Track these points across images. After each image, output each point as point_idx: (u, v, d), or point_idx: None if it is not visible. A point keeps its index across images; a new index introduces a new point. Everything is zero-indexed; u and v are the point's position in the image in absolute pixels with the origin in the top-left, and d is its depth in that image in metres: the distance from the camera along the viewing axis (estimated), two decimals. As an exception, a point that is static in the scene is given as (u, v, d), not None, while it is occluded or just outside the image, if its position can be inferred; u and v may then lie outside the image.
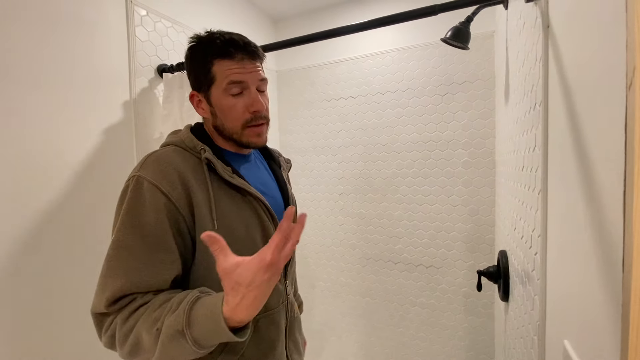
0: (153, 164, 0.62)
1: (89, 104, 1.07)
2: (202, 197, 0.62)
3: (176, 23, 1.37)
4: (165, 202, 0.59)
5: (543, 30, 0.67)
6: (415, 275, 1.74)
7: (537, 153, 0.72)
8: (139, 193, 0.59)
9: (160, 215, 0.58)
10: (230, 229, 0.64)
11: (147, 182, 0.59)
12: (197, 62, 0.67)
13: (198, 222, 0.61)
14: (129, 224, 0.58)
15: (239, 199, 0.67)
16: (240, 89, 0.66)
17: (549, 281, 0.65)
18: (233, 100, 0.66)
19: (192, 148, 0.66)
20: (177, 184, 0.60)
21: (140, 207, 0.58)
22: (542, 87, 0.67)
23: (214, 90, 0.67)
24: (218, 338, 0.50)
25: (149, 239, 0.57)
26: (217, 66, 0.65)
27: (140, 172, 0.61)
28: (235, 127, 0.68)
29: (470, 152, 1.60)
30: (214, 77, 0.66)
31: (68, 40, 1.01)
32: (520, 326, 0.89)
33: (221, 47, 0.64)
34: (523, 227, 0.87)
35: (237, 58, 0.65)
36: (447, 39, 1.22)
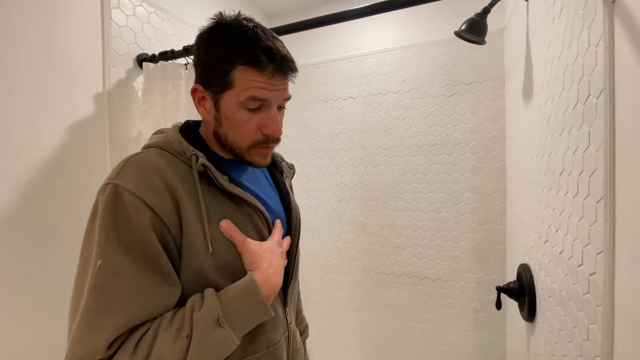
0: (134, 169, 0.49)
1: (54, 94, 0.91)
2: (192, 212, 0.51)
3: (160, 9, 1.22)
4: (152, 218, 0.47)
5: (605, 7, 0.56)
6: (419, 289, 1.62)
7: (593, 153, 0.60)
8: (119, 207, 0.47)
9: (149, 234, 0.47)
10: (226, 248, 0.54)
11: (129, 194, 0.47)
12: (214, 55, 0.53)
13: (187, 241, 0.50)
14: (116, 245, 0.46)
15: (237, 212, 0.57)
16: (260, 105, 0.54)
17: (620, 310, 0.53)
18: (248, 115, 0.54)
19: (181, 153, 0.55)
20: (164, 195, 0.49)
21: (123, 223, 0.46)
22: (604, 74, 0.56)
23: (227, 96, 0.54)
24: (252, 315, 0.52)
25: (142, 262, 0.47)
26: (239, 72, 0.52)
27: (118, 179, 0.48)
28: (241, 144, 0.57)
29: (479, 156, 1.49)
30: (232, 82, 0.52)
31: (30, 19, 0.85)
32: (560, 355, 0.77)
33: (253, 51, 0.51)
34: (563, 240, 0.76)
35: (268, 71, 0.52)
36: (461, 32, 1.12)
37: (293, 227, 0.67)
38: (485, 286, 1.50)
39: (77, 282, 0.47)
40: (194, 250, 0.50)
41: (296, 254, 0.69)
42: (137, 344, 0.45)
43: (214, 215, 0.53)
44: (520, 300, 1.06)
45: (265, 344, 0.58)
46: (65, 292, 0.88)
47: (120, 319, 0.44)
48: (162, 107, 1.03)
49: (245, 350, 0.55)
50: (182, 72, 1.05)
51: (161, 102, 1.04)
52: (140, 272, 0.46)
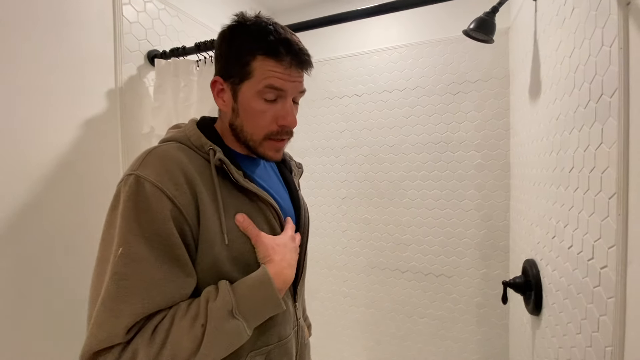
0: (155, 161, 0.51)
1: (68, 91, 0.91)
2: (209, 204, 0.53)
3: (169, 5, 1.22)
4: (172, 209, 0.49)
5: (620, 9, 0.58)
6: (424, 285, 1.64)
7: (606, 151, 0.62)
8: (141, 197, 0.48)
9: (168, 225, 0.48)
10: (240, 241, 0.55)
11: (150, 184, 0.48)
12: (235, 48, 0.55)
13: (204, 233, 0.52)
14: (138, 234, 0.47)
15: (250, 207, 0.58)
16: (276, 97, 0.56)
17: (632, 302, 0.55)
18: (264, 105, 0.56)
19: (199, 147, 0.56)
20: (183, 187, 0.50)
21: (144, 214, 0.48)
22: (618, 74, 0.58)
23: (245, 86, 0.56)
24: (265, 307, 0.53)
25: (162, 251, 0.48)
26: (259, 62, 0.54)
27: (140, 170, 0.50)
28: (255, 135, 0.58)
29: (484, 154, 1.51)
30: (251, 72, 0.54)
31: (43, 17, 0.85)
32: (568, 347, 0.79)
33: (272, 43, 0.53)
34: (573, 235, 0.78)
35: (286, 62, 0.54)
36: (469, 31, 1.13)
37: (302, 224, 0.69)
38: (488, 281, 1.52)
39: (97, 268, 0.49)
40: (210, 242, 0.52)
41: (305, 251, 0.71)
42: (154, 331, 0.46)
43: (230, 208, 0.55)
44: (526, 295, 1.09)
45: (277, 337, 0.60)
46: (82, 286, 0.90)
47: (138, 306, 0.45)
48: (174, 103, 1.04)
49: (257, 343, 0.57)
50: (194, 68, 1.05)
51: (173, 99, 1.04)
52: (158, 261, 0.47)
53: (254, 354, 0.56)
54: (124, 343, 0.45)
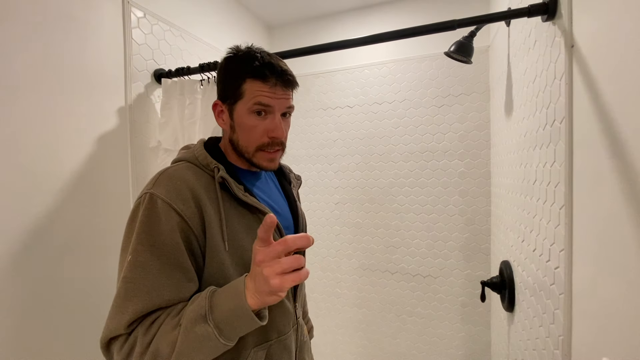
0: (166, 181, 0.60)
1: (82, 109, 0.99)
2: (213, 216, 0.61)
3: (173, 26, 1.31)
4: (179, 222, 0.57)
5: (566, 50, 0.69)
6: (412, 285, 1.74)
7: (558, 169, 0.73)
8: (153, 212, 0.56)
9: (175, 235, 0.56)
10: (242, 249, 0.63)
11: (161, 201, 0.57)
12: (229, 74, 0.66)
13: (209, 240, 0.60)
14: (146, 244, 0.55)
15: (250, 218, 0.66)
16: (265, 112, 0.65)
17: (577, 297, 0.66)
18: (256, 121, 0.65)
19: (205, 166, 0.65)
20: (190, 202, 0.59)
21: (155, 226, 0.56)
22: (565, 105, 0.69)
23: (239, 105, 0.65)
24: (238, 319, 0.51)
25: (166, 259, 0.55)
26: (248, 84, 0.63)
27: (154, 189, 0.58)
28: (249, 147, 0.66)
29: (467, 162, 1.63)
30: (242, 93, 0.64)
31: (60, 41, 0.94)
32: (534, 338, 0.90)
33: (257, 68, 0.63)
34: (536, 240, 0.88)
35: (271, 82, 0.63)
36: (451, 52, 1.24)
37: (300, 231, 0.77)
38: (472, 282, 1.63)
39: (118, 273, 0.58)
40: (215, 248, 0.59)
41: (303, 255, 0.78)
42: (151, 325, 0.54)
43: (231, 219, 0.62)
44: (502, 293, 1.20)
45: (276, 333, 0.67)
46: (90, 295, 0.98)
47: (139, 305, 0.53)
48: (179, 120, 1.13)
49: (258, 339, 0.65)
50: (197, 87, 1.14)
51: (179, 115, 1.13)
52: (161, 267, 0.55)
53: (257, 349, 0.64)
54: (126, 334, 0.54)
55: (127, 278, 0.54)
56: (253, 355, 0.63)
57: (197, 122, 1.11)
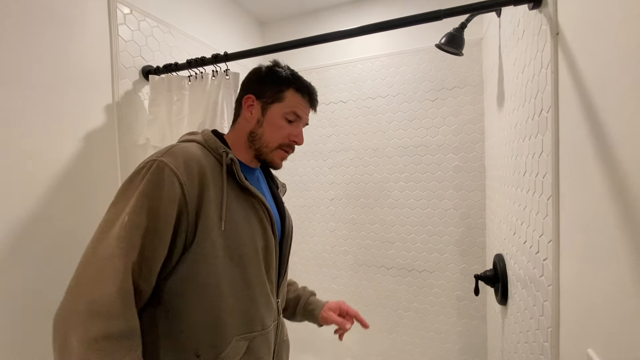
0: (178, 153, 0.61)
1: (68, 107, 0.99)
2: (214, 197, 0.63)
3: (162, 23, 1.29)
4: (180, 195, 0.58)
5: (552, 38, 0.67)
6: (408, 280, 1.74)
7: (545, 159, 0.72)
8: (159, 178, 0.57)
9: (171, 206, 0.57)
10: (237, 233, 0.65)
11: (169, 169, 0.58)
12: (276, 78, 0.74)
13: (203, 220, 0.60)
14: (145, 207, 0.56)
15: (247, 204, 0.68)
16: (294, 120, 0.74)
17: (564, 288, 0.65)
18: (285, 124, 0.73)
19: (214, 149, 0.68)
20: (194, 178, 0.61)
21: (158, 192, 0.57)
22: (551, 93, 0.68)
23: (276, 107, 0.73)
24: None
25: (155, 225, 0.56)
26: (291, 93, 0.73)
27: (164, 157, 0.60)
28: (272, 143, 0.73)
29: (461, 156, 1.62)
30: (283, 98, 0.73)
31: (44, 38, 0.93)
32: (525, 331, 0.89)
33: (303, 86, 0.75)
34: (526, 232, 0.88)
35: (307, 100, 0.76)
36: (441, 45, 1.23)
37: (287, 231, 0.79)
38: (467, 276, 1.63)
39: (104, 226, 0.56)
40: (209, 226, 0.61)
41: (288, 254, 0.81)
42: None
43: (232, 201, 0.65)
44: (495, 287, 1.19)
45: (261, 326, 0.69)
46: None
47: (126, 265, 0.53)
48: (167, 116, 1.12)
49: (242, 329, 0.65)
50: (185, 84, 1.13)
51: (167, 112, 1.12)
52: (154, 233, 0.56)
53: (239, 338, 0.65)
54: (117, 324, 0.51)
55: (120, 237, 0.54)
56: (235, 344, 0.64)
57: (185, 118, 1.10)
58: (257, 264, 0.68)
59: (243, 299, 0.65)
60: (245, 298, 0.66)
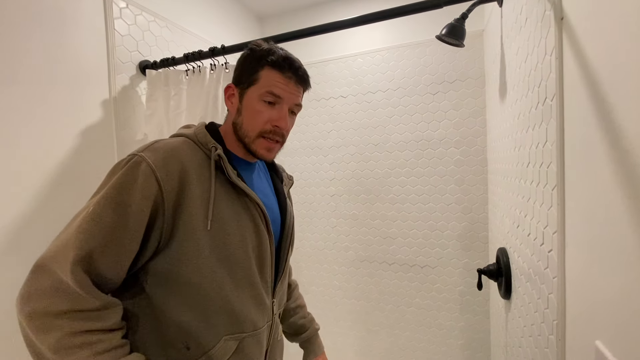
0: (158, 148, 0.59)
1: (65, 102, 0.97)
2: (199, 195, 0.59)
3: (158, 17, 1.28)
4: (156, 192, 0.55)
5: (556, 23, 0.65)
6: (410, 276, 1.73)
7: (550, 148, 0.70)
8: (133, 172, 0.55)
9: (144, 203, 0.54)
10: (224, 233, 0.61)
11: (146, 165, 0.55)
12: (249, 61, 0.67)
13: (185, 219, 0.58)
14: (112, 200, 0.54)
15: (239, 203, 0.64)
16: (274, 102, 0.66)
17: (570, 279, 0.64)
18: (263, 107, 0.66)
19: (204, 144, 0.64)
20: (174, 176, 0.57)
21: (129, 185, 0.54)
22: (555, 80, 0.66)
23: (251, 90, 0.66)
24: None
25: (124, 220, 0.54)
26: (265, 71, 0.65)
27: (144, 152, 0.57)
28: (251, 132, 0.66)
29: (463, 150, 1.60)
30: (257, 79, 0.66)
31: (41, 33, 0.92)
32: (530, 325, 0.87)
33: (278, 58, 0.65)
34: (530, 223, 0.86)
35: (286, 76, 0.66)
36: (442, 36, 1.21)
37: (287, 229, 0.75)
38: (470, 271, 1.61)
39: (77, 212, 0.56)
40: (192, 226, 0.58)
41: (288, 252, 0.76)
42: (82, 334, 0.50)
43: (220, 199, 0.61)
44: (498, 281, 1.17)
45: (252, 326, 0.66)
46: None
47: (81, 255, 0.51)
48: (165, 111, 1.11)
49: (232, 329, 0.63)
50: (183, 78, 1.12)
51: (164, 107, 1.11)
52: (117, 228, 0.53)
53: (228, 338, 0.62)
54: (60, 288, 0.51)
55: (80, 228, 0.52)
56: (223, 343, 0.62)
57: (183, 113, 1.08)
58: (247, 265, 0.64)
59: (232, 300, 0.62)
60: (235, 299, 0.63)
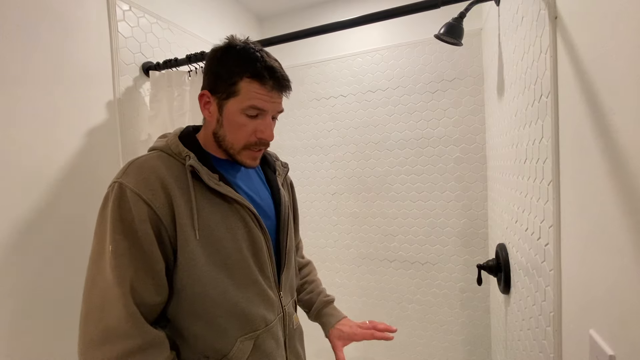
0: (135, 170, 0.59)
1: (70, 104, 0.99)
2: (184, 206, 0.59)
3: (160, 19, 1.30)
4: (148, 212, 0.57)
5: (550, 22, 0.67)
6: (411, 273, 1.74)
7: (545, 144, 0.72)
8: (123, 201, 0.56)
9: (145, 225, 0.56)
10: (215, 238, 0.62)
11: (130, 191, 0.57)
12: (224, 67, 0.63)
13: (180, 231, 0.59)
14: (121, 232, 0.56)
15: (225, 207, 0.64)
16: (257, 114, 0.64)
17: (565, 272, 0.65)
18: (246, 120, 0.63)
19: (177, 154, 0.63)
20: (159, 192, 0.58)
21: (125, 214, 0.56)
22: (550, 78, 0.68)
23: (231, 102, 0.63)
24: None
25: (139, 245, 0.56)
26: (245, 83, 0.61)
27: (122, 179, 0.58)
28: (236, 145, 0.65)
29: (462, 147, 1.61)
30: (237, 91, 0.62)
31: (46, 36, 0.94)
32: (528, 318, 0.89)
33: (258, 68, 0.61)
34: (528, 219, 0.88)
35: (268, 86, 0.62)
36: (440, 35, 1.22)
37: (282, 220, 0.75)
38: (470, 267, 1.63)
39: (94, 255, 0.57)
40: (185, 239, 0.59)
41: (287, 241, 0.76)
42: None
43: (204, 208, 0.61)
44: (498, 276, 1.19)
45: (263, 322, 0.67)
46: None
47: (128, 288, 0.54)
48: (169, 112, 1.13)
49: (244, 329, 0.64)
50: (186, 79, 1.14)
51: (168, 108, 1.13)
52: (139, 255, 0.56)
53: (243, 339, 0.64)
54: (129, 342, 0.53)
55: (112, 266, 0.54)
56: (239, 345, 0.63)
57: (187, 113, 1.10)
58: (245, 265, 0.65)
59: (238, 301, 0.64)
60: (240, 300, 0.64)
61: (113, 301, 0.54)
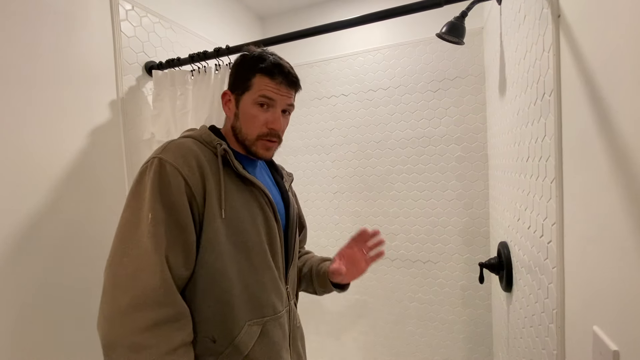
0: (174, 148, 0.64)
1: (73, 103, 1.00)
2: (214, 186, 0.65)
3: (163, 19, 1.30)
4: (185, 186, 0.61)
5: (553, 20, 0.67)
6: (412, 272, 1.75)
7: (548, 142, 0.72)
8: (163, 174, 0.60)
9: (182, 198, 0.61)
10: (238, 220, 0.67)
11: (169, 165, 0.61)
12: (242, 69, 0.73)
13: (208, 208, 0.64)
14: (159, 201, 0.59)
15: (247, 192, 0.70)
16: (268, 105, 0.71)
17: (568, 269, 0.66)
18: (258, 111, 0.71)
19: (209, 142, 0.70)
20: (195, 170, 0.63)
21: (166, 187, 0.60)
22: (553, 76, 0.68)
23: (246, 96, 0.71)
24: None
25: (175, 217, 0.60)
26: (257, 79, 0.70)
27: (162, 154, 0.62)
28: (250, 135, 0.72)
29: (464, 146, 1.62)
30: (250, 86, 0.71)
31: (49, 36, 0.94)
32: (530, 315, 0.90)
33: (268, 65, 0.70)
34: (530, 216, 0.88)
35: (277, 80, 0.71)
36: (442, 34, 1.23)
37: (291, 220, 0.80)
38: (471, 265, 1.63)
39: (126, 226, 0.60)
40: (212, 215, 0.64)
41: (295, 241, 0.82)
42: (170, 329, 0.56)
43: (230, 190, 0.68)
44: (500, 274, 1.20)
45: (272, 310, 0.70)
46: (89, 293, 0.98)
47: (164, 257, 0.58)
48: (172, 111, 1.13)
49: (254, 314, 0.67)
50: (188, 78, 1.14)
51: (171, 107, 1.13)
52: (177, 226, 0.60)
53: (251, 323, 0.66)
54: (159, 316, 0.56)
55: (151, 233, 0.57)
56: (247, 329, 0.66)
57: (189, 112, 1.11)
58: (262, 249, 0.70)
59: (252, 284, 0.67)
60: (254, 283, 0.68)
61: (149, 268, 0.56)
